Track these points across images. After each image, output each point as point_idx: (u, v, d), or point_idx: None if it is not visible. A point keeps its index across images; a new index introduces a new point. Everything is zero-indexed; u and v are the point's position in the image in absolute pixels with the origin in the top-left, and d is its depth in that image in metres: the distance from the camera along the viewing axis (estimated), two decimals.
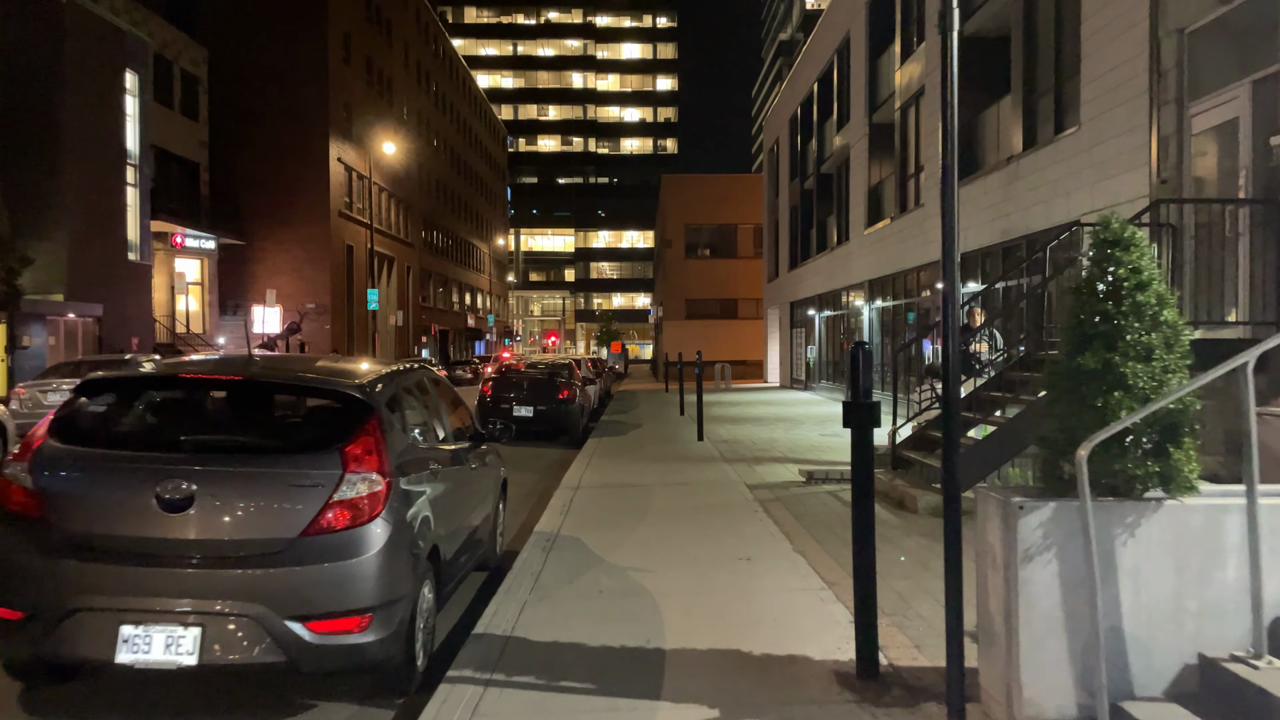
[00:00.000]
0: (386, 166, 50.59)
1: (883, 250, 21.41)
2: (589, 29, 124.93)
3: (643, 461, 12.79)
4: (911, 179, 19.82)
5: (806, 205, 31.83)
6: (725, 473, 11.39)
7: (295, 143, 41.67)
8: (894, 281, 20.97)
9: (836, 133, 26.71)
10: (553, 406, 16.12)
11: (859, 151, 23.66)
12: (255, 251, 41.58)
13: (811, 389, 30.71)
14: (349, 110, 44.78)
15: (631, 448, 14.69)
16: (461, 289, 73.18)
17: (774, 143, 38.80)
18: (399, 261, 53.55)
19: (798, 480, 10.53)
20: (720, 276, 48.26)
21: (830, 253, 27.36)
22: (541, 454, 15.25)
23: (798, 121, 32.91)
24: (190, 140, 37.59)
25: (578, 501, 9.33)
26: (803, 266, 31.92)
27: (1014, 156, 13.86)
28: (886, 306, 21.80)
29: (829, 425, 18.39)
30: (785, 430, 17.60)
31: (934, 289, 17.50)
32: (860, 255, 23.49)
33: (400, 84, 54.51)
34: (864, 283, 23.30)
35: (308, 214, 41.88)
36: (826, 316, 28.83)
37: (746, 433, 17.13)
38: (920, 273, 19.08)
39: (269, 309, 34.63)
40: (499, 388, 16.38)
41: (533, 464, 13.72)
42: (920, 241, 18.46)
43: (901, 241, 19.72)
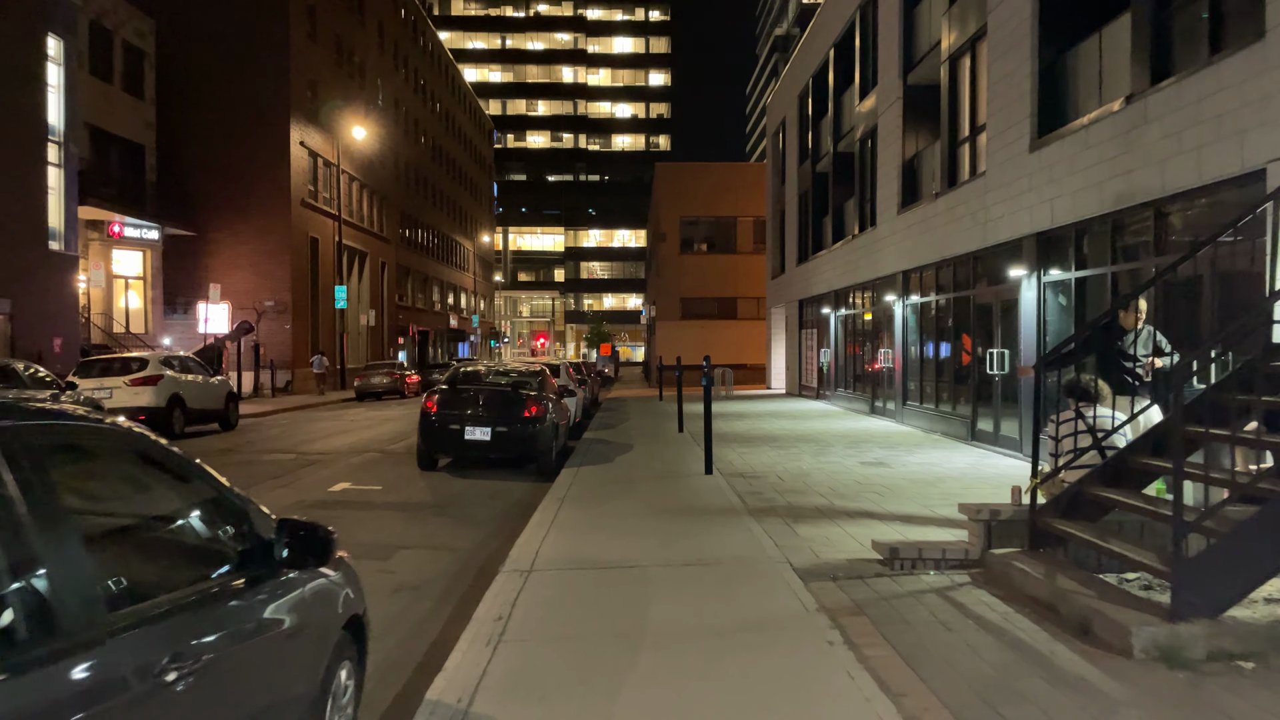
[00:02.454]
0: (358, 154, 46.81)
1: (923, 235, 17.78)
2: (580, 22, 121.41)
3: (634, 514, 9.10)
4: (965, 144, 16.18)
5: (819, 190, 28.20)
6: (756, 539, 7.71)
7: (253, 125, 37.88)
8: (939, 272, 17.34)
9: (859, 102, 23.08)
10: (517, 427, 12.43)
11: (890, 120, 20.04)
12: (207, 243, 37.77)
13: (826, 398, 27.05)
14: (314, 91, 41.01)
15: (619, 485, 11.01)
16: (444, 288, 69.39)
17: (779, 125, 35.17)
18: (373, 257, 49.77)
19: (872, 560, 6.85)
20: (718, 273, 44.59)
21: (850, 242, 23.73)
22: (498, 491, 11.57)
23: (808, 97, 29.28)
24: (134, 120, 33.77)
25: (523, 612, 5.62)
26: (814, 260, 28.28)
27: (1138, 94, 10.23)
28: (926, 302, 18.16)
29: (867, 449, 14.73)
30: (814, 456, 13.94)
31: (1008, 278, 13.86)
32: (891, 242, 19.86)
33: (374, 67, 50.72)
34: (896, 275, 19.67)
35: (266, 203, 38.09)
36: (845, 315, 25.19)
37: (766, 460, 13.46)
38: (977, 260, 15.45)
39: (213, 306, 30.82)
40: (447, 402, 12.68)
41: (478, 512, 10.03)
42: (978, 220, 14.84)
43: (951, 222, 16.09)
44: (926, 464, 12.88)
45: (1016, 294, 13.63)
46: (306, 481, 12.18)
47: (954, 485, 10.85)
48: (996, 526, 6.47)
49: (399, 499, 10.82)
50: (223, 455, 15.37)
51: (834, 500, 9.78)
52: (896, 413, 19.70)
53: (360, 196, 48.18)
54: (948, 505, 9.46)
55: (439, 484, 12.07)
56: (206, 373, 20.57)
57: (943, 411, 17.04)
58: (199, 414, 19.65)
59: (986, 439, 14.89)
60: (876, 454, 14.13)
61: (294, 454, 15.47)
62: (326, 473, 13.04)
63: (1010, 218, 13.59)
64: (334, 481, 12.12)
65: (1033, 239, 12.96)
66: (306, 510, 9.96)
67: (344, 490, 11.41)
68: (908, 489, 10.58)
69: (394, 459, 14.70)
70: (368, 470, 13.40)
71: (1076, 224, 11.81)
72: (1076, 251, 12.04)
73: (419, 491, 11.45)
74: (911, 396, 19.06)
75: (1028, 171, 12.95)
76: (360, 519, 9.49)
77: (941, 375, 17.45)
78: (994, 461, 13.07)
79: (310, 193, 40.68)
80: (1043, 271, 12.85)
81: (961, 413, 16.09)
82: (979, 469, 12.30)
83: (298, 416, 25.61)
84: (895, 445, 15.35)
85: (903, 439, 16.40)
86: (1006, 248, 14.01)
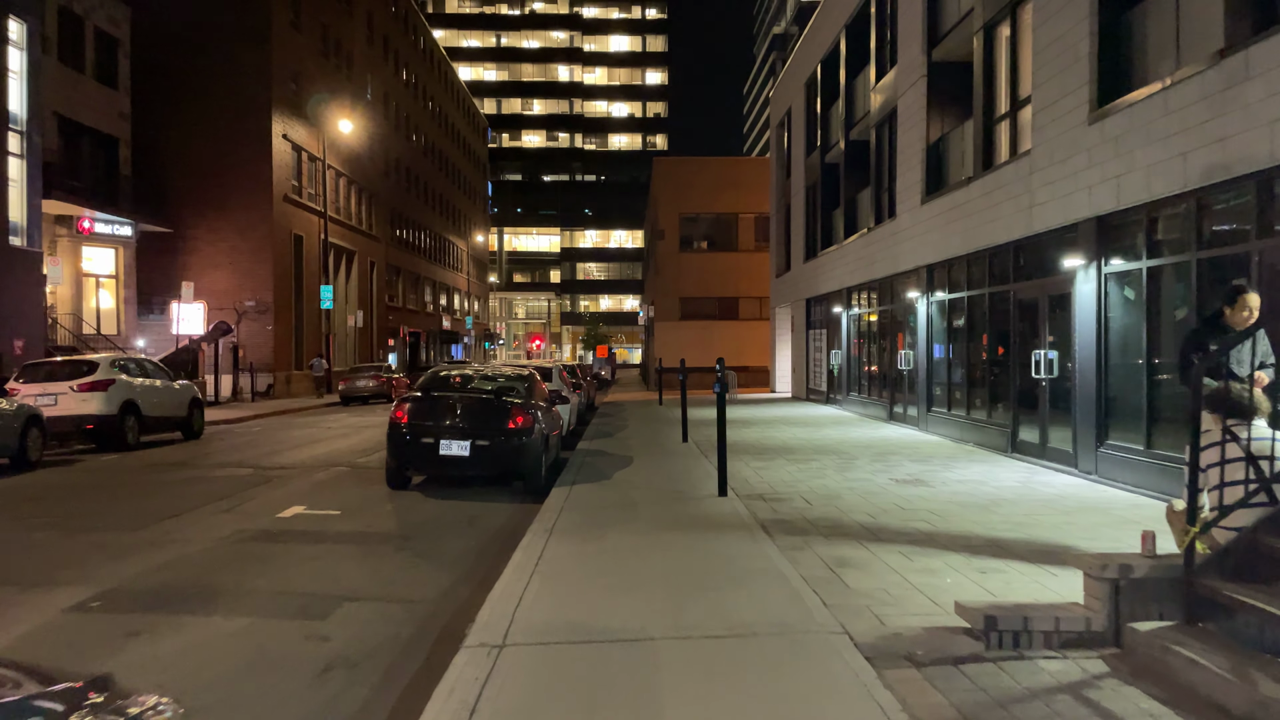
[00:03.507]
0: (345, 149, 45.11)
1: (951, 225, 16.14)
2: (575, 20, 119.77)
3: (636, 551, 7.44)
4: (1003, 121, 14.53)
5: (829, 182, 26.56)
6: (797, 594, 6.04)
7: (233, 117, 36.18)
8: (971, 265, 15.69)
9: (875, 85, 21.44)
10: (500, 441, 10.74)
11: (911, 101, 18.40)
12: (185, 240, 36.06)
13: (837, 403, 25.39)
14: (298, 82, 39.31)
15: (618, 511, 9.34)
16: (436, 288, 67.66)
17: (784, 116, 33.53)
18: (361, 256, 48.06)
19: (956, 628, 5.18)
20: (719, 272, 42.92)
21: (865, 235, 22.08)
22: (477, 515, 9.88)
23: (817, 84, 27.64)
24: (107, 111, 32.02)
25: None
26: (823, 256, 26.64)
27: (1236, 47, 8.59)
28: (955, 299, 16.51)
29: (896, 463, 13.07)
30: (839, 471, 12.28)
31: (1059, 269, 12.18)
32: (914, 234, 18.22)
33: (363, 59, 49.02)
34: (919, 269, 18.03)
35: (247, 198, 36.38)
36: (858, 314, 23.54)
37: (785, 477, 11.80)
38: (1019, 251, 13.80)
39: (186, 306, 29.09)
40: (420, 412, 10.98)
41: (450, 545, 8.34)
42: (1021, 205, 13.19)
43: (987, 208, 14.44)
44: (970, 481, 11.23)
45: (1069, 287, 11.99)
46: (255, 504, 10.48)
47: (1013, 510, 9.19)
48: (1127, 586, 4.81)
49: (357, 527, 9.14)
50: (170, 471, 13.67)
51: (878, 532, 8.11)
52: (919, 420, 18.05)
53: (348, 193, 46.47)
54: (1015, 534, 7.80)
55: (408, 507, 10.39)
56: (167, 376, 18.88)
57: (975, 419, 15.39)
58: (158, 422, 17.95)
59: (1030, 451, 13.23)
60: (909, 468, 12.47)
61: (252, 469, 13.77)
62: (281, 493, 11.35)
63: (1062, 201, 11.95)
64: (287, 504, 10.43)
65: (1092, 223, 11.32)
66: (241, 545, 8.29)
67: (295, 516, 9.72)
68: (960, 515, 8.93)
69: (363, 475, 13.01)
70: (330, 489, 11.72)
71: (1149, 204, 10.17)
72: (1148, 237, 10.39)
73: (383, 517, 9.77)
74: (937, 402, 17.42)
75: (1086, 146, 11.31)
76: (303, 558, 7.81)
77: (974, 379, 15.80)
78: (1046, 479, 11.41)
79: (294, 188, 38.97)
80: (1104, 261, 11.20)
81: (999, 421, 14.44)
82: (1034, 488, 10.65)
83: (273, 423, 23.90)
84: (927, 458, 13.69)
85: (932, 450, 14.75)
86: (1057, 235, 12.37)
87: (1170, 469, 9.66)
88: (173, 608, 6.23)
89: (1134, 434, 10.59)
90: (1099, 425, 11.21)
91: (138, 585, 6.83)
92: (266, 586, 6.80)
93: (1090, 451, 11.37)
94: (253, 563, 7.56)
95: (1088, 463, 11.45)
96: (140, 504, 10.58)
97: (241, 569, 7.34)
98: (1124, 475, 10.61)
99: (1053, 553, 7.20)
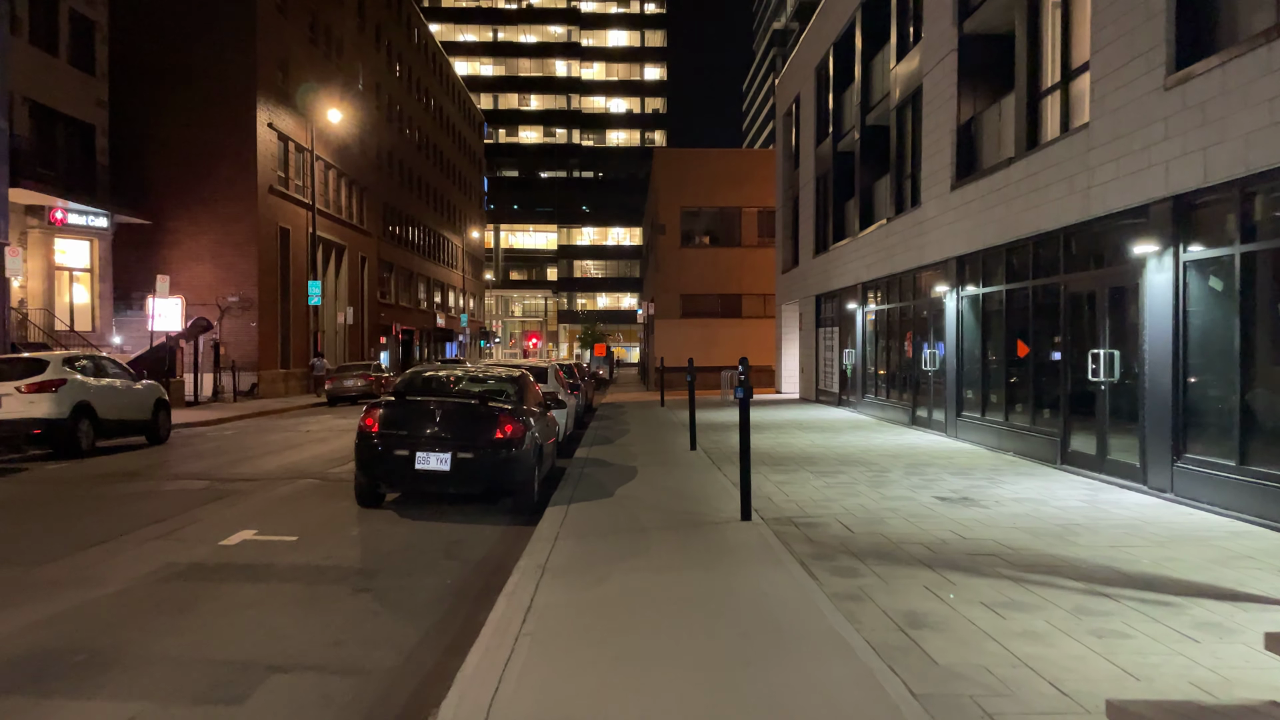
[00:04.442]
0: (335, 140, 43.56)
1: (987, 212, 14.67)
2: (573, 14, 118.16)
3: (651, 601, 5.96)
4: (1052, 94, 13.04)
5: (842, 171, 25.08)
6: (865, 673, 4.56)
7: (217, 104, 34.62)
8: (1012, 255, 14.20)
9: (895, 65, 19.96)
10: (486, 453, 9.24)
11: (940, 79, 16.92)
12: (165, 233, 34.50)
13: (851, 405, 23.91)
14: (285, 70, 37.75)
15: (624, 540, 7.87)
16: (430, 285, 66.11)
17: (791, 104, 32.04)
18: (352, 250, 46.51)
19: None
20: (722, 268, 41.41)
21: (884, 226, 20.60)
22: (458, 541, 8.38)
23: (828, 68, 26.16)
24: (83, 97, 30.46)
25: None
26: (835, 250, 25.16)
27: None
28: (991, 293, 15.03)
29: (933, 475, 11.58)
30: (872, 486, 10.80)
31: (1125, 258, 10.67)
32: (941, 224, 16.75)
33: (354, 48, 47.46)
34: (947, 261, 16.56)
35: (230, 189, 34.81)
36: (875, 311, 22.05)
37: (813, 494, 10.32)
38: (1070, 238, 12.32)
39: (163, 301, 27.54)
40: (393, 419, 9.47)
41: (421, 584, 6.81)
42: (1075, 187, 11.72)
43: (1032, 191, 12.96)
44: (1027, 500, 9.75)
45: (1136, 278, 10.51)
46: (200, 527, 8.98)
47: (1095, 539, 7.72)
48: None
49: (313, 559, 7.65)
50: (118, 483, 12.15)
51: (944, 571, 6.63)
52: (947, 425, 16.58)
53: (338, 186, 44.92)
54: (1110, 571, 6.24)
55: (378, 531, 8.89)
56: (129, 376, 17.36)
57: (1016, 426, 13.91)
58: (117, 426, 16.44)
59: (1085, 463, 11.75)
60: (951, 483, 10.99)
61: (209, 481, 12.27)
62: (234, 512, 9.85)
63: (1129, 180, 10.47)
64: (237, 527, 8.93)
65: (1167, 204, 9.85)
66: (165, 586, 6.78)
67: (241, 544, 8.22)
68: (1032, 546, 7.46)
69: (333, 489, 11.50)
70: (291, 507, 10.21)
71: (1244, 179, 8.70)
72: (1242, 217, 8.92)
73: (346, 545, 8.27)
74: (968, 406, 15.94)
75: (1162, 115, 9.84)
76: (237, 604, 6.31)
77: (1013, 382, 14.32)
78: (1113, 497, 9.94)
79: (280, 179, 37.41)
80: (1182, 247, 9.72)
81: (1045, 429, 12.96)
82: (1104, 509, 9.17)
83: (249, 426, 22.39)
84: (966, 470, 12.22)
85: (969, 460, 13.28)
86: (1121, 219, 10.90)
87: (1273, 490, 8.20)
88: (45, 684, 4.74)
89: (1222, 447, 9.12)
90: (1175, 436, 9.74)
91: (12, 647, 5.34)
92: (178, 650, 5.31)
93: (1164, 466, 9.90)
94: (171, 613, 6.06)
95: (1160, 478, 9.98)
96: (67, 526, 9.08)
97: (154, 622, 5.85)
98: (1208, 495, 9.15)
99: (1172, 603, 5.72)
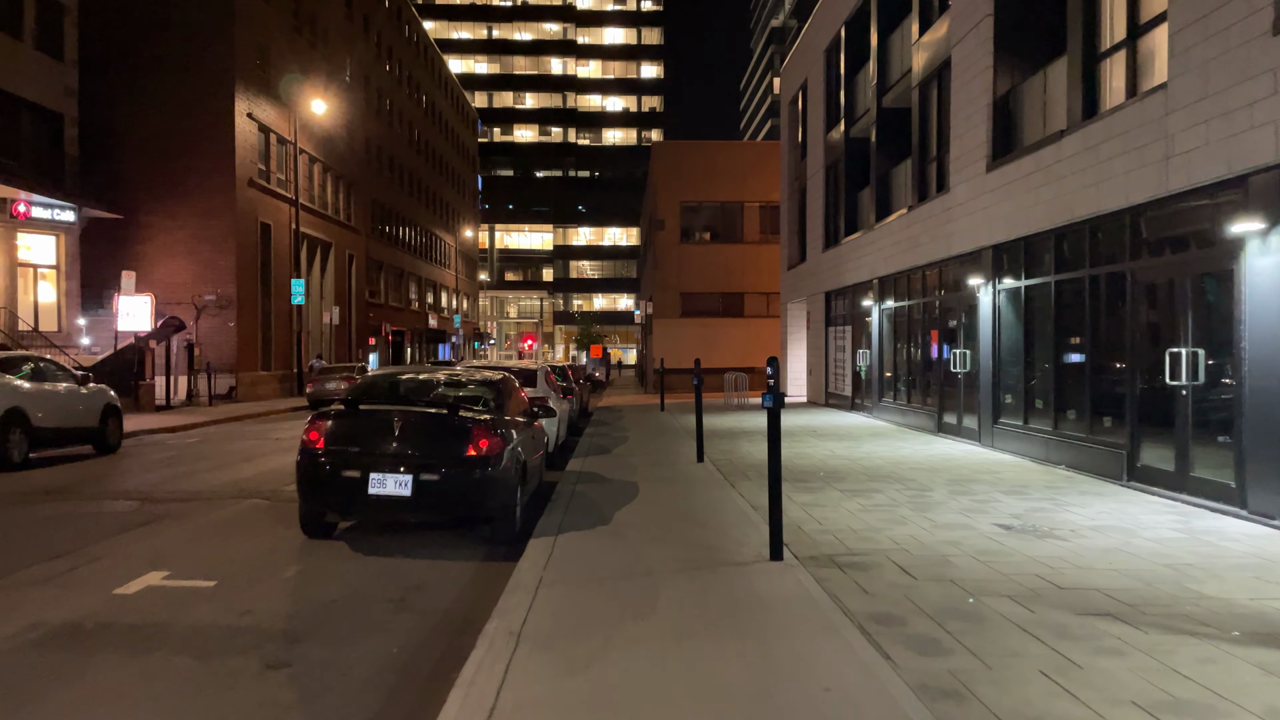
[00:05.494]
0: (321, 133, 41.83)
1: (1032, 192, 13.00)
2: (569, 12, 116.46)
3: (666, 698, 4.27)
4: (1115, 54, 11.36)
5: (856, 158, 23.41)
6: None
7: (193, 93, 32.88)
8: (1064, 241, 12.53)
9: (918, 39, 18.30)
10: (455, 474, 7.53)
11: (972, 49, 15.26)
12: (138, 228, 32.75)
13: (866, 410, 22.22)
14: (265, 56, 36.00)
15: (626, 587, 6.18)
16: (422, 285, 64.36)
17: (797, 90, 30.38)
18: (338, 248, 44.78)
19: None
20: (723, 265, 39.73)
21: (905, 215, 18.94)
22: (416, 587, 6.65)
23: (839, 50, 24.51)
24: (51, 84, 28.75)
25: None
26: (848, 243, 23.50)
27: None
28: (1037, 285, 13.35)
29: (984, 495, 9.89)
30: (917, 509, 9.12)
31: (1208, 242, 8.97)
32: (976, 209, 15.08)
33: (341, 38, 45.73)
34: (982, 250, 14.90)
35: (207, 181, 33.06)
36: (894, 308, 20.37)
37: (849, 519, 8.63)
38: (1141, 220, 10.65)
39: (129, 298, 25.79)
40: (343, 432, 7.76)
41: (358, 654, 5.03)
42: (1150, 158, 10.05)
43: (1092, 166, 11.30)
44: (1109, 529, 8.08)
45: (1232, 262, 8.83)
46: (99, 567, 7.27)
47: (1220, 585, 6.04)
48: None
49: (225, 616, 5.94)
50: (36, 503, 10.42)
51: (1051, 638, 4.94)
52: (981, 433, 14.92)
53: (324, 181, 43.19)
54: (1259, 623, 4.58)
55: (320, 571, 7.19)
56: (74, 380, 15.63)
57: (1068, 436, 12.23)
58: (57, 434, 14.71)
59: (1161, 481, 10.06)
60: (1008, 506, 9.31)
61: (141, 500, 10.55)
62: (152, 544, 8.14)
63: (1222, 146, 8.80)
64: (146, 567, 7.21)
65: (1275, 173, 8.19)
66: (12, 659, 5.07)
67: (142, 592, 6.50)
68: (1150, 597, 5.78)
69: (280, 511, 9.78)
70: (224, 537, 8.51)
71: None
72: None
73: (274, 594, 6.56)
74: (1006, 412, 14.27)
75: (1270, 65, 8.18)
76: (97, 693, 4.61)
77: (1065, 385, 12.65)
78: (1213, 525, 8.24)
79: (261, 172, 35.66)
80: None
81: (1107, 439, 11.28)
82: (1207, 541, 7.48)
83: (217, 433, 20.66)
84: (1019, 488, 10.55)
85: (1016, 475, 11.61)
86: (1210, 193, 9.23)
87: None
88: None
89: None
90: None
91: None
92: None
93: (1272, 487, 8.24)
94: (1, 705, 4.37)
95: (1265, 501, 8.31)
96: None
97: None
98: None
99: None
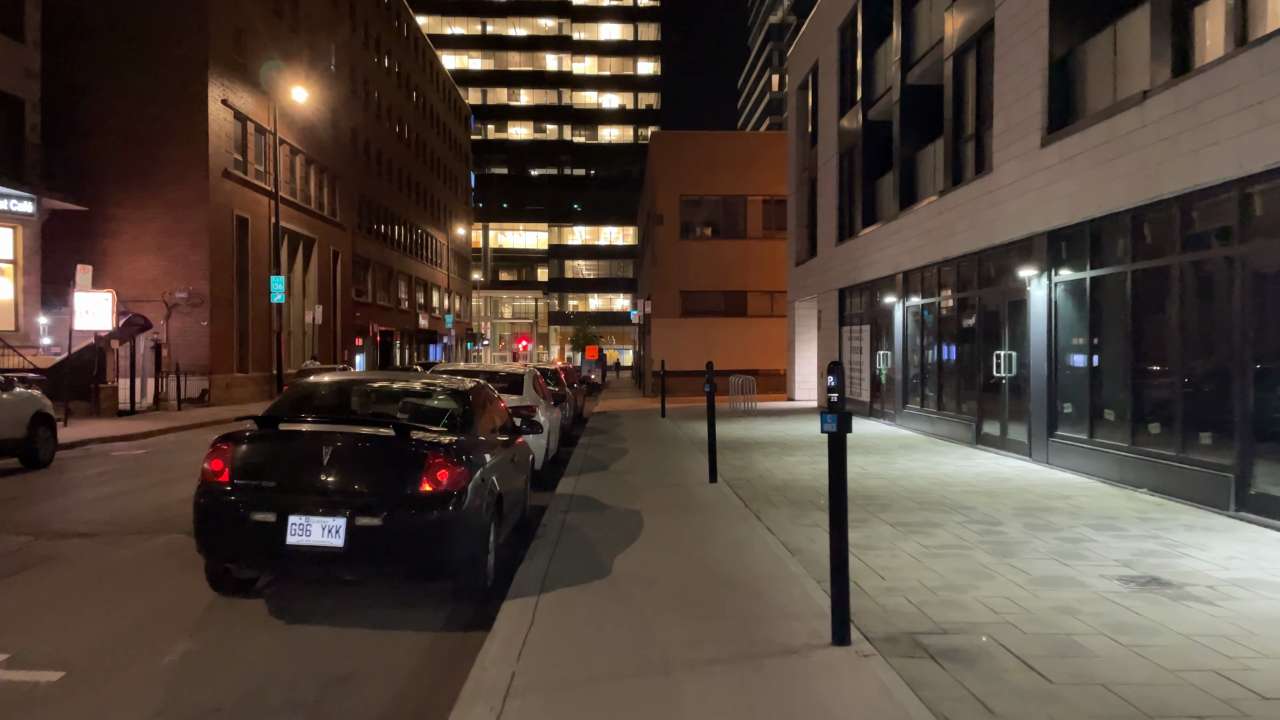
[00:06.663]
0: (303, 123, 39.87)
1: (1104, 166, 11.12)
2: (564, 7, 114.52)
3: None
4: None
5: (875, 143, 21.52)
6: None
7: (164, 78, 30.89)
8: (1142, 224, 10.65)
9: (952, 2, 16.42)
10: (401, 515, 5.59)
11: (1021, 7, 13.37)
12: (105, 221, 30.76)
13: (887, 417, 20.31)
14: (242, 39, 34.02)
15: (635, 690, 4.27)
16: (413, 284, 62.39)
17: (806, 76, 28.50)
18: (322, 244, 42.81)
19: None
20: (725, 262, 37.81)
21: (935, 202, 17.05)
22: (351, 673, 4.64)
23: (855, 25, 22.63)
24: (10, 67, 26.81)
25: None
26: (865, 235, 21.61)
27: None
28: (1106, 276, 11.46)
29: (1065, 528, 7.97)
30: (993, 551, 7.23)
31: None
32: (1029, 189, 13.19)
33: (325, 25, 43.75)
34: (1034, 238, 13.02)
35: (179, 171, 31.07)
36: (922, 305, 18.47)
37: (919, 571, 6.72)
38: (1251, 195, 8.76)
39: (86, 295, 23.83)
40: (254, 461, 5.81)
41: None
42: (1272, 115, 8.18)
43: (1188, 130, 9.41)
44: (1256, 584, 6.21)
45: None
46: None
47: None
48: None
49: None
50: None
51: None
52: (1032, 448, 13.02)
53: (306, 173, 41.22)
54: None
55: (218, 649, 5.26)
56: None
57: (1147, 453, 10.34)
58: None
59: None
60: (1109, 547, 7.41)
61: (32, 535, 8.60)
62: (10, 605, 6.21)
63: None
64: None
65: None
66: None
67: None
68: None
69: (191, 556, 7.83)
70: (109, 593, 6.57)
71: None
72: None
73: (136, 695, 4.61)
74: (1065, 423, 12.38)
75: None
76: None
77: (1141, 392, 10.76)
78: None
79: (237, 163, 33.68)
80: None
81: (1203, 459, 9.39)
82: None
83: (174, 442, 18.70)
84: (1107, 519, 8.65)
85: (1094, 502, 9.72)
86: None
87: None
88: None
89: None
90: None
91: None
92: None
93: None
94: None
95: None
96: None
97: None
98: None
99: None
